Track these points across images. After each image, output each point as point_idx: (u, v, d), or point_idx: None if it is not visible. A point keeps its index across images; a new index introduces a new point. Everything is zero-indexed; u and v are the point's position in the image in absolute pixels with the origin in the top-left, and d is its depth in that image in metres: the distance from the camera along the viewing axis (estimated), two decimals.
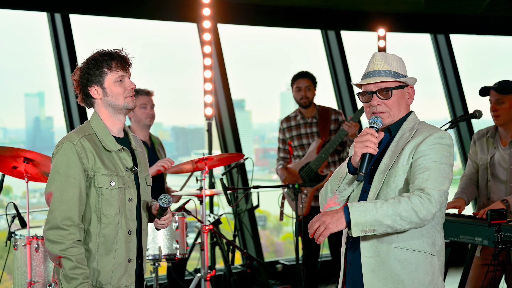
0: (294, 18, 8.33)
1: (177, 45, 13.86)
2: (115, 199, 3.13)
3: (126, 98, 3.19)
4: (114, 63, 3.16)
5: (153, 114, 5.42)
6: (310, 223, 2.83)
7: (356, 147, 2.89)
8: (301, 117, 6.22)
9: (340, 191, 3.02)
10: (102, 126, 3.19)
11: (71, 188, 3.06)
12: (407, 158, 2.91)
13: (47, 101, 15.52)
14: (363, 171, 2.86)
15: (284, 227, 13.21)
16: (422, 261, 2.88)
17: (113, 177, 3.12)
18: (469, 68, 9.99)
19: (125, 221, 3.15)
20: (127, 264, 3.17)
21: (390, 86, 2.98)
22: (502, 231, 3.91)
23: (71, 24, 7.00)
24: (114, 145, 3.18)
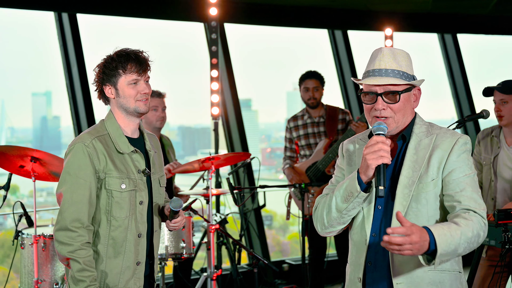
0: (300, 17, 8.32)
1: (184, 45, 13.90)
2: (126, 202, 3.11)
3: (137, 102, 3.14)
4: (130, 65, 3.11)
5: (164, 117, 5.38)
6: (399, 240, 2.39)
7: (369, 159, 2.54)
8: (308, 116, 6.21)
9: (349, 210, 2.67)
10: (116, 126, 3.17)
11: (81, 189, 3.05)
12: (436, 170, 2.65)
13: (54, 101, 15.57)
14: (382, 185, 2.52)
15: (291, 227, 13.21)
16: (453, 280, 2.68)
17: (124, 180, 3.11)
18: (476, 67, 9.97)
19: (135, 224, 3.14)
20: (136, 267, 3.16)
21: (398, 89, 2.65)
22: (509, 231, 3.90)
23: (78, 23, 7.01)
24: (127, 147, 3.16)
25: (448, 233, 2.46)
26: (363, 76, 2.73)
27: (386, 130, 2.62)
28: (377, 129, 2.61)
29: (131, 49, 3.17)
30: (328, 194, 2.77)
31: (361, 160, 2.60)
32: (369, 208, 2.70)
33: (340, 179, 2.83)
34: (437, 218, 2.67)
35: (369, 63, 2.72)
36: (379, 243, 2.66)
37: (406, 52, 2.73)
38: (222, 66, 7.63)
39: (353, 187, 2.60)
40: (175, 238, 4.82)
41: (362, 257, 2.70)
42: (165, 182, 3.40)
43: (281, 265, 7.42)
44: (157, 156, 3.33)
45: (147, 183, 3.22)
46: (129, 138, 3.20)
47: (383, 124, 2.62)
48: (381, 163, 2.53)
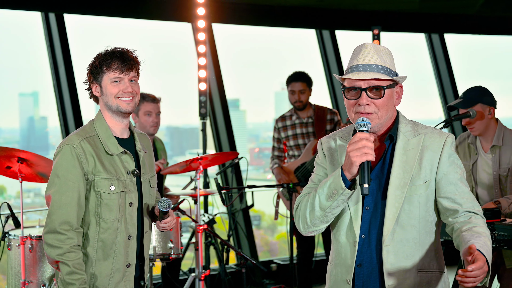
0: (288, 17, 8.33)
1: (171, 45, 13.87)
2: (115, 204, 3.09)
3: (118, 100, 3.11)
4: (113, 63, 3.09)
5: (157, 122, 5.36)
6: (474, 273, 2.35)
7: (353, 157, 2.49)
8: (297, 117, 6.21)
9: (333, 208, 2.62)
10: (105, 127, 3.15)
11: (70, 192, 3.03)
12: (429, 171, 2.65)
13: (41, 101, 15.50)
14: (367, 182, 2.49)
15: (279, 227, 13.21)
16: (440, 280, 2.70)
17: (113, 181, 3.09)
18: (464, 67, 10.01)
19: (124, 225, 3.12)
20: (126, 269, 3.14)
21: (382, 84, 2.62)
22: (496, 230, 3.92)
23: (65, 24, 6.99)
24: (116, 148, 3.13)
25: (486, 247, 2.49)
26: (346, 71, 2.69)
27: (369, 126, 2.58)
28: (361, 125, 2.56)
29: (120, 47, 3.16)
30: (309, 193, 2.75)
31: (345, 158, 2.57)
32: (356, 208, 2.67)
33: (322, 177, 2.81)
34: (427, 219, 2.68)
35: (352, 58, 2.69)
36: (368, 244, 2.67)
37: (389, 49, 2.72)
38: (210, 66, 7.63)
39: (337, 185, 2.57)
40: (163, 239, 4.82)
41: (351, 259, 2.68)
42: (156, 183, 3.38)
43: (269, 265, 7.42)
44: (147, 157, 3.31)
45: (137, 184, 3.20)
46: (119, 139, 3.18)
47: (366, 120, 2.58)
48: (365, 160, 2.50)
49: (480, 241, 2.49)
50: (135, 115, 5.35)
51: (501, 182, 4.37)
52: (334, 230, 2.77)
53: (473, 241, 2.48)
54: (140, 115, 5.32)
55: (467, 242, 2.50)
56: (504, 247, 3.92)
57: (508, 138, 4.36)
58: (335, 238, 2.77)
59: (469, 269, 2.32)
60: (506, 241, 3.89)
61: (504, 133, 4.37)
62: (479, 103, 4.33)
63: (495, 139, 4.36)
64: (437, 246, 2.73)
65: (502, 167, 4.35)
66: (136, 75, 3.17)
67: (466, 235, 2.55)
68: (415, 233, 2.65)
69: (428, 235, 2.69)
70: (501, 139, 4.36)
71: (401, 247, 2.64)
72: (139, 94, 3.19)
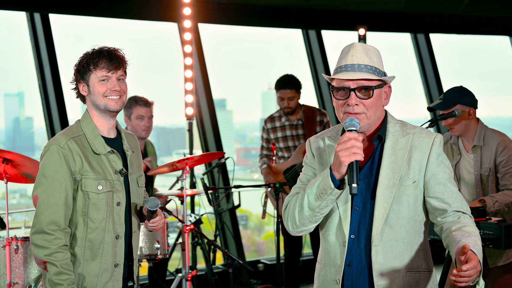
0: (274, 17, 8.33)
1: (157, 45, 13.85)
2: (103, 203, 3.08)
3: (106, 99, 3.10)
4: (101, 61, 3.08)
5: (149, 126, 5.34)
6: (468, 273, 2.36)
7: (342, 156, 2.50)
8: (286, 119, 6.18)
9: (322, 208, 2.62)
10: (92, 127, 3.13)
11: (57, 192, 3.01)
12: (418, 171, 2.65)
13: (26, 101, 15.43)
14: (355, 182, 2.49)
15: (266, 227, 13.22)
16: (428, 279, 2.71)
17: (100, 181, 3.07)
18: (449, 67, 10.07)
19: (112, 225, 3.10)
20: (114, 269, 3.13)
21: (371, 84, 2.62)
22: (481, 229, 3.95)
23: (50, 24, 6.96)
24: (103, 148, 3.12)
25: (477, 246, 2.50)
26: (335, 71, 2.68)
27: (358, 126, 2.58)
28: (349, 125, 2.57)
29: (108, 46, 3.14)
30: (298, 193, 2.75)
31: (334, 157, 2.57)
32: (345, 208, 2.67)
33: (311, 177, 2.80)
34: (416, 219, 2.69)
35: (341, 58, 2.68)
36: (358, 244, 2.67)
37: (377, 49, 2.71)
38: (196, 66, 7.62)
39: (326, 185, 2.56)
40: (150, 239, 4.81)
41: (341, 259, 2.68)
42: (144, 182, 3.37)
43: (256, 265, 7.43)
44: (135, 156, 3.30)
45: (124, 184, 3.18)
46: (106, 138, 3.17)
47: (355, 119, 2.58)
48: (354, 160, 2.50)
49: (471, 240, 2.51)
50: (127, 119, 5.34)
51: (483, 181, 4.41)
52: (323, 230, 2.77)
53: (464, 241, 2.49)
54: (132, 118, 5.31)
55: (458, 242, 2.51)
56: (489, 246, 3.95)
57: (489, 138, 4.39)
58: (324, 238, 2.77)
59: (463, 269, 2.34)
60: (492, 240, 3.92)
61: (485, 133, 4.40)
62: (458, 104, 4.36)
63: (476, 139, 4.39)
64: (426, 246, 2.74)
65: (484, 166, 4.39)
66: (124, 74, 3.16)
67: (456, 235, 2.56)
68: (404, 233, 2.66)
69: (416, 235, 2.69)
70: (482, 139, 4.39)
71: (390, 247, 2.65)
72: (126, 93, 3.18)
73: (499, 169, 4.34)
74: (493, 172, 4.36)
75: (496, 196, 4.24)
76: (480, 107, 4.57)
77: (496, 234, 3.90)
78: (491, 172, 4.35)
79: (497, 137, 4.38)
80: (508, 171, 4.31)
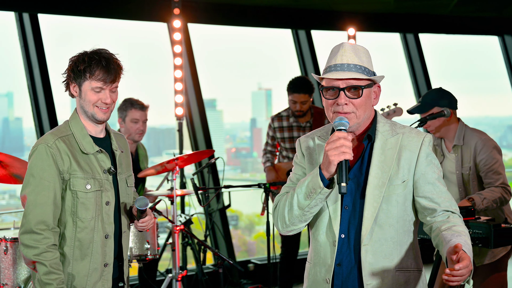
0: (264, 17, 8.34)
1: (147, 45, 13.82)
2: (91, 203, 3.07)
3: (96, 108, 3.08)
4: (98, 72, 3.03)
5: (143, 130, 5.34)
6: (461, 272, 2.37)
7: (331, 156, 2.50)
8: (295, 120, 6.13)
9: (311, 207, 2.63)
10: (80, 126, 3.12)
11: (45, 191, 3.01)
12: (407, 171, 2.66)
13: (16, 102, 15.37)
14: (345, 181, 2.49)
15: (256, 227, 13.23)
16: (417, 279, 2.71)
17: (89, 180, 3.06)
18: (438, 67, 10.11)
19: (101, 225, 3.09)
20: (103, 269, 3.12)
21: (361, 84, 2.63)
22: (470, 228, 3.97)
23: (39, 24, 6.93)
24: (92, 147, 3.11)
25: (468, 246, 2.51)
26: (324, 71, 2.69)
27: (347, 125, 2.58)
28: (339, 125, 2.57)
29: (106, 52, 3.09)
30: (288, 192, 2.75)
31: (323, 157, 2.57)
32: (335, 208, 2.67)
33: (300, 177, 2.80)
34: (405, 218, 2.69)
35: (330, 58, 2.69)
36: (348, 244, 2.68)
37: (366, 49, 2.72)
38: (186, 66, 7.61)
39: (315, 184, 2.57)
40: (140, 240, 4.80)
41: (331, 258, 2.69)
42: (133, 182, 3.36)
43: (246, 265, 7.43)
44: (124, 156, 3.29)
45: (113, 183, 3.18)
46: (95, 138, 3.16)
47: (344, 119, 2.59)
48: (343, 159, 2.50)
49: (461, 240, 2.52)
50: (122, 121, 5.33)
51: (464, 181, 4.46)
52: (313, 229, 2.77)
53: (454, 240, 2.51)
54: (127, 121, 5.30)
55: (449, 241, 2.52)
56: (478, 245, 3.97)
57: (468, 137, 4.45)
58: (314, 238, 2.77)
59: (456, 268, 2.34)
60: (481, 239, 3.94)
61: (465, 132, 4.46)
62: (436, 106, 4.43)
63: (456, 139, 4.46)
64: (415, 246, 2.75)
65: (464, 166, 4.44)
66: (117, 85, 3.14)
67: (447, 235, 2.57)
68: (393, 232, 2.67)
69: (406, 234, 2.70)
70: (461, 139, 4.45)
71: (380, 247, 2.65)
72: (115, 101, 3.15)
73: (480, 167, 4.39)
74: (473, 171, 4.42)
75: (483, 193, 4.28)
76: (469, 107, 4.62)
77: (485, 233, 3.92)
78: (471, 171, 4.41)
79: (475, 136, 4.44)
80: (490, 169, 4.36)
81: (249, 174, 13.55)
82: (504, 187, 4.34)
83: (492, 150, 4.40)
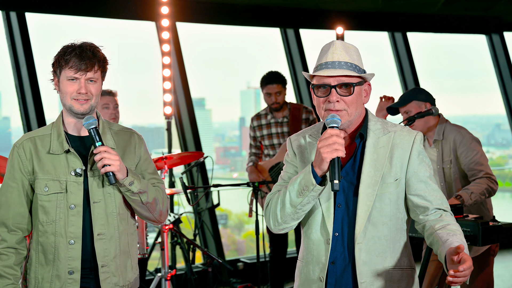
0: (253, 16, 8.34)
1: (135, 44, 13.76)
2: (51, 206, 2.91)
3: (73, 100, 2.91)
4: (72, 60, 2.88)
5: (116, 114, 5.33)
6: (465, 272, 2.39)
7: (324, 153, 2.50)
8: (272, 116, 6.18)
9: (303, 205, 2.62)
10: (58, 125, 2.99)
11: (9, 192, 2.93)
12: (399, 169, 2.67)
13: (3, 101, 15.29)
14: (337, 179, 2.48)
15: (246, 225, 13.23)
16: (410, 276, 2.73)
17: (48, 182, 2.91)
18: (426, 66, 10.15)
19: (64, 229, 2.90)
20: (68, 276, 2.91)
21: (352, 81, 2.63)
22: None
23: (27, 23, 6.90)
24: (60, 148, 2.94)
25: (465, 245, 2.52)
26: (315, 69, 2.69)
27: (339, 122, 2.59)
28: (331, 122, 2.58)
29: (86, 43, 2.96)
30: (279, 190, 2.75)
31: (315, 154, 2.57)
32: (328, 206, 2.67)
33: (292, 175, 2.80)
34: (398, 216, 2.70)
35: (321, 56, 2.69)
36: (341, 242, 2.68)
37: (356, 47, 2.72)
38: (175, 65, 7.60)
39: (308, 181, 2.57)
40: None
41: (325, 256, 2.68)
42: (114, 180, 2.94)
43: (236, 264, 7.43)
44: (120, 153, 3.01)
45: (84, 185, 2.95)
46: (74, 137, 3.00)
47: (336, 116, 2.59)
48: (336, 156, 2.50)
49: (457, 239, 2.55)
50: None
51: (445, 174, 4.52)
52: (305, 227, 2.77)
53: (451, 240, 2.53)
54: (98, 108, 5.29)
55: (446, 241, 2.54)
56: (467, 243, 3.99)
57: (448, 132, 4.52)
58: (306, 236, 2.77)
59: (460, 269, 2.36)
60: (469, 237, 3.96)
61: (445, 127, 4.54)
62: (414, 100, 4.53)
63: (436, 134, 4.54)
64: (407, 244, 2.76)
65: (445, 160, 4.51)
66: (96, 76, 2.95)
67: (442, 234, 2.59)
68: (386, 230, 2.68)
69: (399, 232, 2.71)
70: (441, 134, 4.53)
71: (373, 245, 2.66)
72: (97, 95, 2.97)
73: (462, 160, 4.43)
74: (454, 164, 4.46)
75: (470, 187, 4.31)
76: (457, 106, 4.68)
77: (473, 231, 3.94)
78: (452, 164, 4.46)
79: (454, 129, 4.52)
80: (472, 160, 4.40)
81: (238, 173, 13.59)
82: (489, 176, 4.37)
83: (471, 142, 4.45)
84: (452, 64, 14.57)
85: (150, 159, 3.20)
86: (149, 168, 3.14)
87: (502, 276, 7.30)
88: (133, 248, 3.10)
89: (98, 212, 2.95)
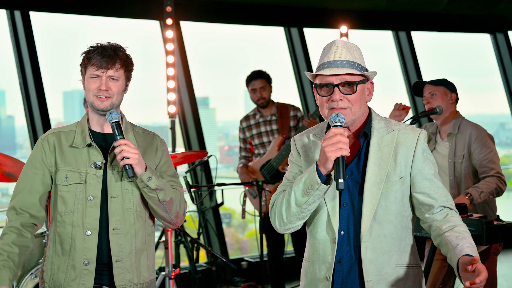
0: (257, 15, 8.34)
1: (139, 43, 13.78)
2: (70, 196, 3.01)
3: (94, 97, 3.01)
4: (94, 58, 2.99)
5: None
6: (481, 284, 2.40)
7: (328, 152, 2.51)
8: (260, 115, 6.25)
9: (309, 204, 2.62)
10: (84, 121, 3.11)
11: (26, 179, 3.06)
12: (404, 167, 2.68)
13: (8, 100, 15.31)
14: (342, 177, 2.50)
15: (249, 224, 13.24)
16: (416, 275, 2.73)
17: (68, 173, 3.01)
18: (431, 64, 10.13)
19: (82, 220, 2.99)
20: (83, 267, 2.98)
21: (355, 79, 2.64)
22: None
23: (31, 22, 6.91)
24: (83, 141, 3.05)
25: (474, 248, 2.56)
26: (317, 68, 2.70)
27: (343, 121, 2.59)
28: (335, 121, 2.58)
29: (111, 43, 3.07)
30: (284, 190, 2.75)
31: (320, 153, 2.58)
32: (333, 205, 2.68)
33: (297, 175, 2.80)
34: (403, 214, 2.71)
35: (323, 55, 2.70)
36: (347, 240, 2.68)
37: (358, 46, 2.73)
38: (179, 64, 7.61)
39: (313, 180, 2.57)
40: None
41: (331, 255, 2.68)
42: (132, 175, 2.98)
43: (239, 263, 7.43)
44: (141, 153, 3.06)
45: (103, 178, 3.04)
46: (98, 133, 3.09)
47: (340, 115, 2.60)
48: (340, 155, 2.51)
49: (467, 243, 2.56)
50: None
51: (456, 169, 4.50)
52: (311, 227, 2.77)
53: (461, 244, 2.54)
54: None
55: (456, 246, 2.55)
56: None
57: (464, 127, 4.53)
58: (311, 235, 2.77)
59: (477, 282, 2.37)
60: (474, 236, 3.94)
61: (461, 122, 4.56)
62: (444, 86, 4.56)
63: (452, 127, 4.54)
64: (413, 242, 2.76)
65: (457, 154, 4.50)
66: (118, 74, 3.03)
67: (451, 237, 2.60)
68: (392, 228, 2.68)
69: (404, 230, 2.72)
70: (457, 128, 4.53)
71: (379, 243, 2.66)
72: (118, 93, 3.05)
73: (474, 157, 4.42)
74: (466, 159, 4.45)
75: (479, 186, 4.30)
76: (461, 105, 4.66)
77: (477, 230, 3.93)
78: (464, 159, 4.45)
79: (471, 126, 4.53)
80: (485, 158, 4.40)
81: None
82: (499, 176, 4.38)
83: (487, 139, 4.44)
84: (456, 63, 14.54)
85: (171, 163, 3.26)
86: (169, 171, 3.22)
87: (506, 275, 7.28)
88: (150, 248, 3.16)
89: (115, 207, 3.03)
